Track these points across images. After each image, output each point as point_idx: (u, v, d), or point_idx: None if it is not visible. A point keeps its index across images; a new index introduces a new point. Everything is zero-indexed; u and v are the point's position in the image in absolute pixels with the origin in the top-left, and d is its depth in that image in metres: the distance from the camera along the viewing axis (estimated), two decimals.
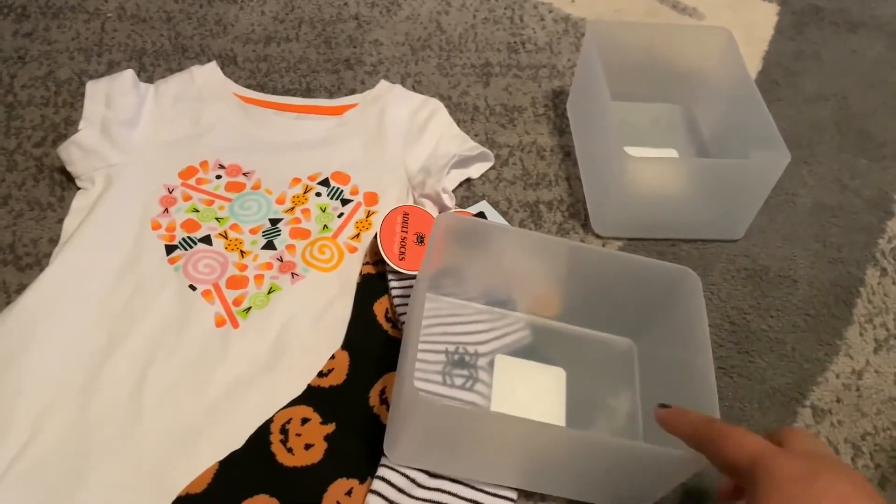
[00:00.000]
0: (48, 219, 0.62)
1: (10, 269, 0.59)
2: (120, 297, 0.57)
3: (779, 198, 0.70)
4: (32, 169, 0.66)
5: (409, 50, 0.81)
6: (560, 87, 0.79)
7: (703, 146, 0.73)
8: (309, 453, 0.49)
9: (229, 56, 0.78)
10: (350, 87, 0.76)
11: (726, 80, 0.70)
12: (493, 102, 0.76)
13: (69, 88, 0.73)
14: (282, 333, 0.56)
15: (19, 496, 0.47)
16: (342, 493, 0.47)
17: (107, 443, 0.50)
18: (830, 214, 0.70)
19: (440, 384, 0.52)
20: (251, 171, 0.66)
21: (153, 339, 0.55)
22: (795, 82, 0.82)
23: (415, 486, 0.47)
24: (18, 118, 0.70)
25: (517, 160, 0.71)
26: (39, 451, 0.49)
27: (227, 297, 0.58)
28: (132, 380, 0.53)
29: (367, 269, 0.59)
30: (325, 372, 0.53)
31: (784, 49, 0.86)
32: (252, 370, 0.54)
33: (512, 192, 0.69)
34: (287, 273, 0.59)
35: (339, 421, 0.51)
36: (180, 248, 0.60)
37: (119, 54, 0.77)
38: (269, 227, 0.62)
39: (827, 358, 0.60)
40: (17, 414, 0.50)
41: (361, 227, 0.63)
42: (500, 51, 0.82)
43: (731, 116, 0.70)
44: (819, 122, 0.78)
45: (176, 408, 0.52)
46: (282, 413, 0.51)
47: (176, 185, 0.64)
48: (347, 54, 0.80)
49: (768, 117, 0.63)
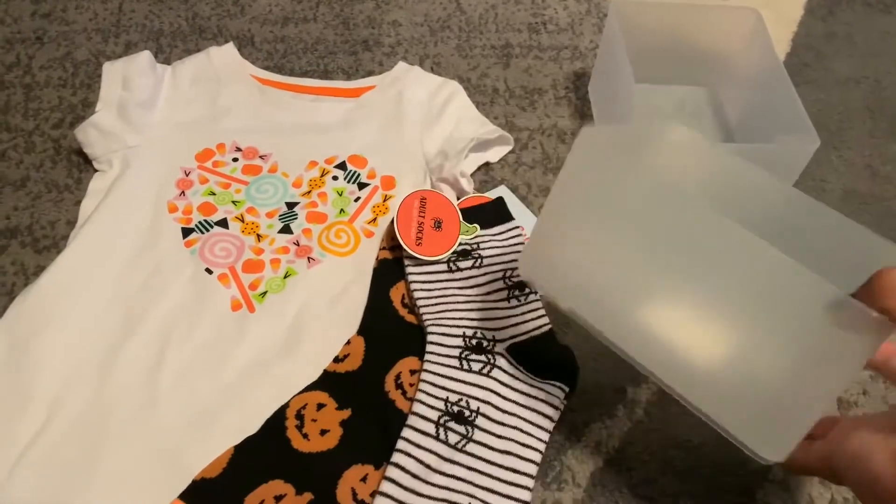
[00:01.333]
0: (66, 201, 0.62)
1: (28, 252, 0.59)
2: (136, 280, 0.57)
3: (807, 184, 0.68)
4: (50, 151, 0.66)
5: (427, 31, 0.80)
6: (582, 69, 0.77)
7: (728, 130, 0.71)
8: (324, 439, 0.48)
9: (246, 37, 0.77)
10: (368, 69, 0.75)
11: (754, 63, 0.68)
12: (513, 84, 0.75)
13: (86, 69, 0.72)
14: (298, 318, 0.56)
15: (36, 477, 0.47)
16: (357, 480, 0.47)
17: (123, 426, 0.50)
18: (861, 202, 0.68)
19: (457, 368, 0.52)
20: (268, 154, 0.65)
21: (169, 323, 0.54)
22: (826, 65, 0.80)
23: (430, 471, 0.47)
24: (36, 99, 0.70)
25: (537, 144, 0.70)
26: (56, 433, 0.49)
27: (244, 281, 0.57)
28: (148, 363, 0.52)
29: (384, 254, 0.59)
30: (340, 357, 0.53)
31: (814, 30, 0.84)
32: (268, 354, 0.54)
33: (531, 177, 0.67)
34: (303, 257, 0.59)
35: (354, 407, 0.50)
36: (196, 232, 0.60)
37: (136, 35, 0.76)
38: (286, 210, 0.62)
39: None
40: (34, 396, 0.50)
41: (378, 211, 0.62)
42: (520, 31, 0.80)
43: (757, 100, 0.68)
44: (850, 106, 0.76)
45: (192, 391, 0.51)
46: (297, 398, 0.50)
47: (193, 167, 0.64)
48: (365, 35, 0.79)
49: (797, 101, 0.61)
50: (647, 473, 0.51)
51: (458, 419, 0.49)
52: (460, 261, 0.58)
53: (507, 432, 0.49)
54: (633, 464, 0.52)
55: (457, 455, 0.48)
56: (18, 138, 0.66)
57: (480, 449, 0.49)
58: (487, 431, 0.49)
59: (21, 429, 0.49)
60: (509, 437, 0.49)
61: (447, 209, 0.59)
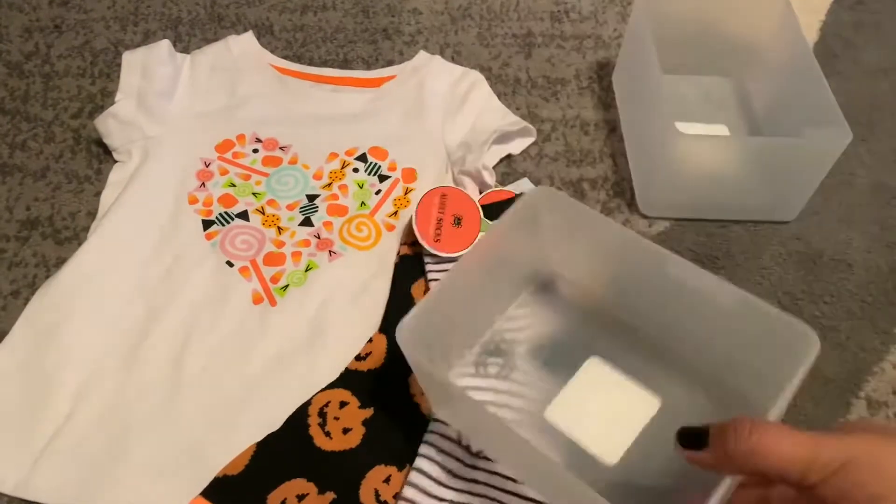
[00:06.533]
0: (86, 192, 0.62)
1: (49, 243, 0.59)
2: (157, 273, 0.56)
3: (835, 178, 0.66)
4: (70, 141, 0.65)
5: (448, 19, 0.78)
6: (605, 58, 0.76)
7: (755, 122, 0.70)
8: (347, 438, 0.48)
9: (265, 25, 0.76)
10: (388, 58, 0.74)
11: (782, 52, 0.67)
12: (536, 74, 0.74)
13: (105, 58, 0.72)
14: (320, 312, 0.55)
15: (60, 469, 0.47)
16: (380, 481, 0.46)
17: (146, 418, 0.50)
18: (890, 196, 0.67)
19: (472, 375, 0.51)
20: (288, 146, 0.64)
21: (191, 316, 0.54)
22: (854, 55, 0.78)
23: (453, 477, 0.46)
24: (55, 89, 0.69)
25: (560, 135, 0.69)
26: (80, 426, 0.49)
27: (265, 274, 0.57)
28: (171, 356, 0.52)
29: (405, 249, 0.58)
30: (363, 356, 0.52)
31: (843, 19, 0.82)
32: (290, 349, 0.53)
33: (554, 170, 0.66)
34: (325, 250, 0.58)
35: (377, 406, 0.50)
36: (217, 224, 0.59)
37: (154, 23, 0.76)
38: (307, 203, 0.61)
39: (883, 347, 0.58)
40: (58, 387, 0.50)
41: (399, 204, 0.61)
42: (542, 20, 0.79)
43: (786, 91, 0.67)
44: (879, 98, 0.74)
45: (214, 385, 0.51)
46: (320, 395, 0.50)
47: (212, 158, 0.63)
48: (385, 24, 0.77)
49: (828, 92, 0.59)
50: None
51: None
52: None
53: None
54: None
55: (479, 461, 0.47)
56: (38, 128, 0.66)
57: None
58: None
59: (45, 421, 0.49)
60: None
61: (468, 206, 0.59)
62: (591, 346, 0.52)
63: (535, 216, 0.49)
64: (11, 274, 0.57)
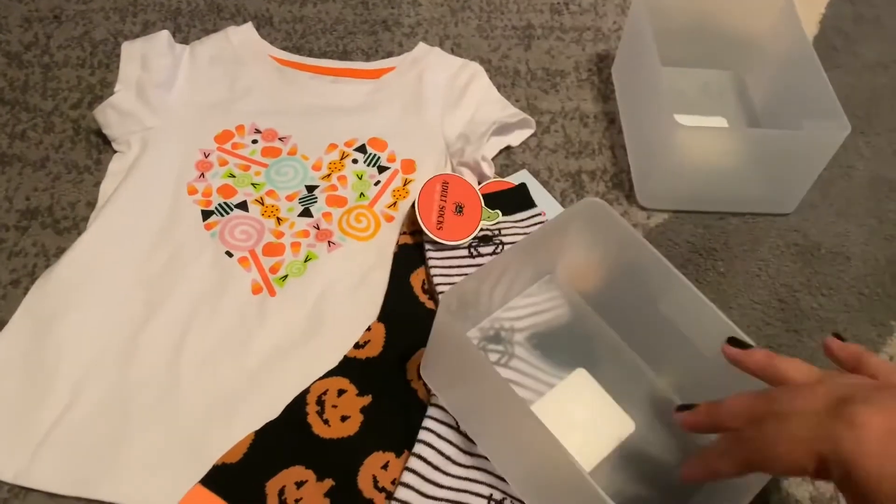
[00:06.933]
0: (85, 182, 0.62)
1: (49, 233, 0.59)
2: (157, 263, 0.56)
3: (833, 170, 0.67)
4: (69, 131, 0.65)
5: (448, 11, 0.78)
6: (605, 50, 0.76)
7: (753, 115, 0.70)
8: (345, 425, 0.48)
9: (265, 16, 0.76)
10: (387, 50, 0.74)
11: (782, 45, 0.67)
12: (535, 66, 0.74)
13: (105, 49, 0.72)
14: (319, 302, 0.55)
15: (59, 460, 0.48)
16: (378, 467, 0.47)
17: (145, 409, 0.50)
18: (888, 189, 0.67)
19: None
20: (287, 137, 0.65)
21: (190, 306, 0.54)
22: (854, 48, 0.78)
23: (451, 463, 0.47)
24: (55, 79, 0.69)
25: (559, 127, 0.69)
26: (79, 416, 0.49)
27: (264, 265, 0.57)
28: (170, 346, 0.52)
29: (405, 238, 0.58)
30: (361, 343, 0.52)
31: (842, 12, 0.82)
32: (289, 339, 0.53)
33: (553, 161, 0.66)
34: (324, 241, 0.58)
35: (375, 393, 0.50)
36: (216, 214, 0.59)
37: (154, 14, 0.75)
38: (306, 193, 0.61)
39: (880, 339, 0.58)
40: (57, 378, 0.50)
41: (398, 195, 0.62)
42: (542, 12, 0.79)
43: (785, 83, 0.67)
44: (878, 91, 0.74)
45: (213, 375, 0.51)
46: (318, 384, 0.50)
47: (212, 149, 0.63)
48: (385, 15, 0.77)
49: (827, 85, 0.59)
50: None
51: None
52: (481, 246, 0.57)
53: None
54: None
55: (477, 447, 0.48)
56: (38, 118, 0.66)
57: None
58: None
59: (44, 411, 0.49)
60: None
61: (469, 194, 0.59)
62: (584, 351, 0.54)
63: (577, 223, 0.51)
64: (11, 263, 0.57)
